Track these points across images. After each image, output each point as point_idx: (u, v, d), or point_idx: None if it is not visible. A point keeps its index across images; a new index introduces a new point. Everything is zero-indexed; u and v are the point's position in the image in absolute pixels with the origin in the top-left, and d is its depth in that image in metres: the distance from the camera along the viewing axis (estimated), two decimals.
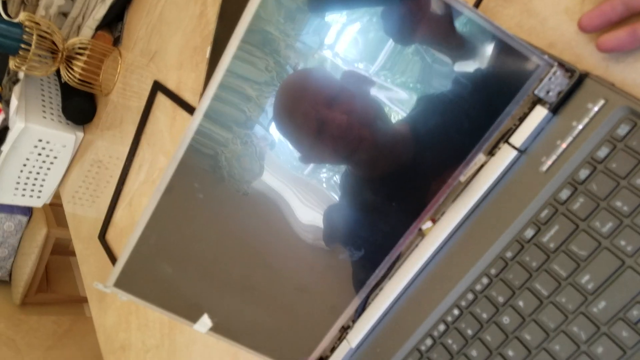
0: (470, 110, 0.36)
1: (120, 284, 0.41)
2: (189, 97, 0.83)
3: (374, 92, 0.36)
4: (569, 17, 0.38)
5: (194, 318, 0.42)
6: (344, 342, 0.43)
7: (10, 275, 2.13)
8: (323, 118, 0.37)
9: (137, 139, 0.93)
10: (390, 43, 0.35)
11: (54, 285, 2.21)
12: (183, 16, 0.85)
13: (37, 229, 1.99)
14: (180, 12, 0.86)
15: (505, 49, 0.34)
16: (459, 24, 0.34)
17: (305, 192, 0.39)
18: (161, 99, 0.89)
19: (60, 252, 2.25)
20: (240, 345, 0.42)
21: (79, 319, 2.05)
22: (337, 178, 0.39)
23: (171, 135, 0.85)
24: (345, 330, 0.43)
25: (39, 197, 1.16)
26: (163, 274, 0.41)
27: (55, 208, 1.99)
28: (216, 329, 0.42)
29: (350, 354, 0.43)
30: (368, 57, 0.35)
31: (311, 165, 0.38)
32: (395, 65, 0.35)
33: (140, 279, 0.41)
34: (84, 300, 2.09)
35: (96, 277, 0.97)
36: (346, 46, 0.35)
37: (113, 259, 0.90)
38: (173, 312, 0.41)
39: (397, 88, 0.36)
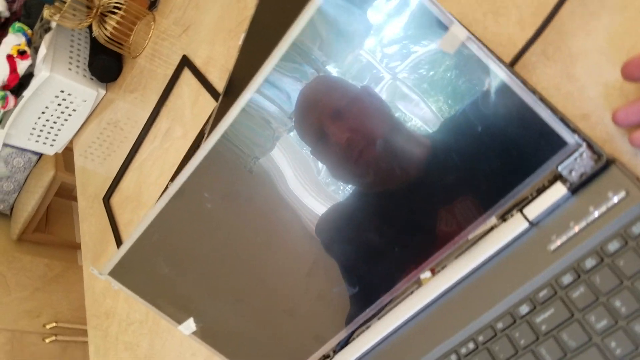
0: (489, 173, 0.36)
1: (115, 273, 0.42)
2: (214, 77, 0.83)
3: (387, 118, 0.36)
4: (607, 93, 0.38)
5: (179, 319, 0.43)
6: None
7: (11, 210, 2.19)
8: (326, 132, 0.37)
9: (157, 108, 0.94)
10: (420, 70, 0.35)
11: (53, 227, 2.27)
12: None
13: (45, 170, 2.03)
14: None
15: (537, 119, 0.34)
16: (493, 84, 0.34)
17: (314, 203, 0.39)
18: (187, 74, 0.90)
19: (64, 195, 2.30)
20: (219, 354, 0.44)
21: (70, 266, 2.11)
22: (345, 197, 0.39)
23: (192, 114, 0.86)
24: (325, 358, 0.45)
25: (52, 145, 1.19)
26: (158, 272, 0.42)
27: (66, 152, 2.03)
28: (199, 333, 0.43)
29: None
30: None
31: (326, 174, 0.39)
32: (417, 97, 0.35)
33: (135, 272, 0.42)
34: (79, 246, 2.14)
35: (94, 238, 0.99)
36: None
37: (114, 224, 0.92)
38: (160, 310, 0.43)
39: (414, 122, 0.36)
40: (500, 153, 0.35)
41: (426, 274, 0.41)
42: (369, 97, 0.36)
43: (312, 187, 0.39)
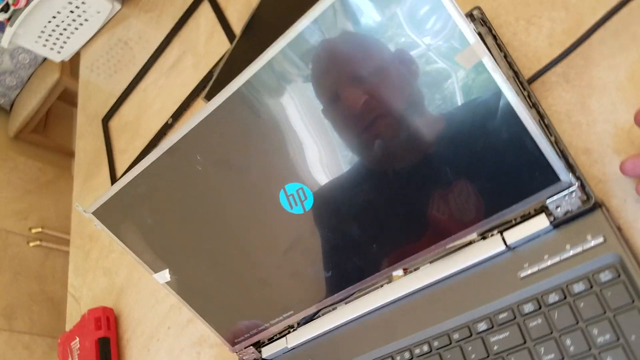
0: (481, 190, 0.37)
1: (99, 214, 0.44)
2: (233, 16, 0.82)
3: (409, 92, 0.35)
4: (615, 133, 0.38)
5: (155, 268, 0.46)
6: (283, 339, 0.47)
7: (11, 106, 2.20)
8: (342, 92, 0.37)
9: (171, 35, 0.94)
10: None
11: (51, 130, 2.29)
12: None
13: (50, 72, 2.02)
14: None
15: (538, 151, 0.34)
16: (502, 107, 0.34)
17: (315, 171, 0.40)
18: (206, 7, 0.88)
19: (66, 100, 2.30)
20: (188, 306, 0.47)
21: (63, 174, 2.14)
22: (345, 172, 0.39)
23: (205, 49, 0.85)
24: (289, 329, 0.48)
25: (59, 52, 1.19)
26: (141, 221, 0.44)
27: (73, 58, 2.01)
28: (173, 284, 0.46)
29: (283, 351, 0.47)
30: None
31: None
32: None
33: (119, 217, 0.44)
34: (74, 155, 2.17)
35: (89, 156, 1.01)
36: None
37: (109, 148, 0.94)
38: (138, 256, 0.45)
39: (430, 104, 0.36)
40: (495, 174, 0.36)
41: (398, 272, 0.43)
42: (397, 65, 0.35)
43: (316, 153, 0.39)
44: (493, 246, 0.38)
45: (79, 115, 1.12)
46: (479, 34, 0.45)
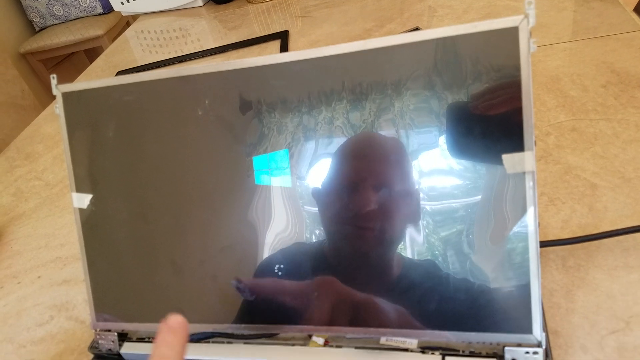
0: (451, 302, 0.34)
1: (68, 98, 0.40)
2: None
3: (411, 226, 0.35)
4: (587, 332, 0.36)
5: (80, 188, 0.40)
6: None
7: (40, 30, 2.18)
8: (358, 187, 0.35)
9: (231, 47, 0.95)
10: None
11: (59, 72, 2.25)
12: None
13: (96, 27, 2.04)
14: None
15: (526, 295, 0.32)
16: (517, 236, 0.32)
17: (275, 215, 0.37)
18: (275, 44, 0.91)
19: (91, 56, 2.30)
20: (82, 250, 0.41)
21: (38, 108, 2.06)
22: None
23: None
24: None
25: (123, 3, 1.20)
26: (102, 131, 0.39)
27: (124, 27, 2.04)
28: (83, 217, 0.40)
29: (146, 357, 0.39)
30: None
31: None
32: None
33: (85, 113, 0.39)
34: None
35: None
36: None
37: None
38: (73, 165, 0.40)
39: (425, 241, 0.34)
40: (471, 293, 0.33)
41: (320, 340, 0.37)
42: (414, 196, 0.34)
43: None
44: None
45: (99, 59, 1.10)
46: None
